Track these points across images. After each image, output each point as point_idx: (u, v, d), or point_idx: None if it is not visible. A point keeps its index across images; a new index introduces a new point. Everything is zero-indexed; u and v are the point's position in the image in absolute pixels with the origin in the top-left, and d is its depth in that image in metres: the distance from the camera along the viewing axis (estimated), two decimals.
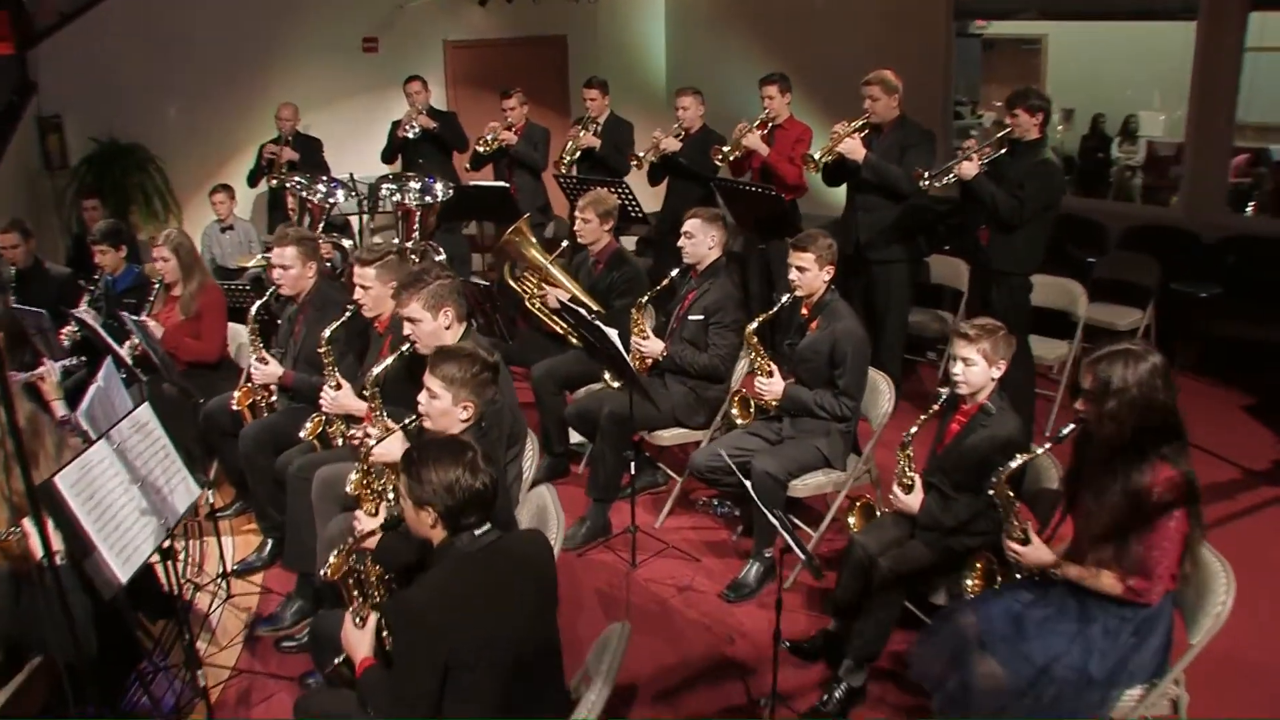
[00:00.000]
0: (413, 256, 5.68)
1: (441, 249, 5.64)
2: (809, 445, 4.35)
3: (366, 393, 3.62)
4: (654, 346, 4.86)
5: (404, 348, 3.69)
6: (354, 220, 7.11)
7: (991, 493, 3.15)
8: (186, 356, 5.13)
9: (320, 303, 4.71)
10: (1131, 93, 10.91)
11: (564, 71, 9.13)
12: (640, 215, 5.99)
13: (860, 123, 5.65)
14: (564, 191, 6.25)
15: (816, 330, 4.39)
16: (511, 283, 5.52)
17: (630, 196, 5.92)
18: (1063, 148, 10.66)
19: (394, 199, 5.73)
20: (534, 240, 5.41)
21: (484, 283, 4.52)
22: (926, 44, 7.83)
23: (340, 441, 4.30)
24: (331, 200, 6.13)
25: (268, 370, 4.63)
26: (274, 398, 4.74)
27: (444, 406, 3.15)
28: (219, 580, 4.40)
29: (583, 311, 4.32)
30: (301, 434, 4.26)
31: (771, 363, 4.44)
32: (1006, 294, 5.31)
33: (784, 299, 4.38)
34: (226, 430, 4.81)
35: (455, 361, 3.12)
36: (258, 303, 4.69)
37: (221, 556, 4.48)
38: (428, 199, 5.73)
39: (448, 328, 3.70)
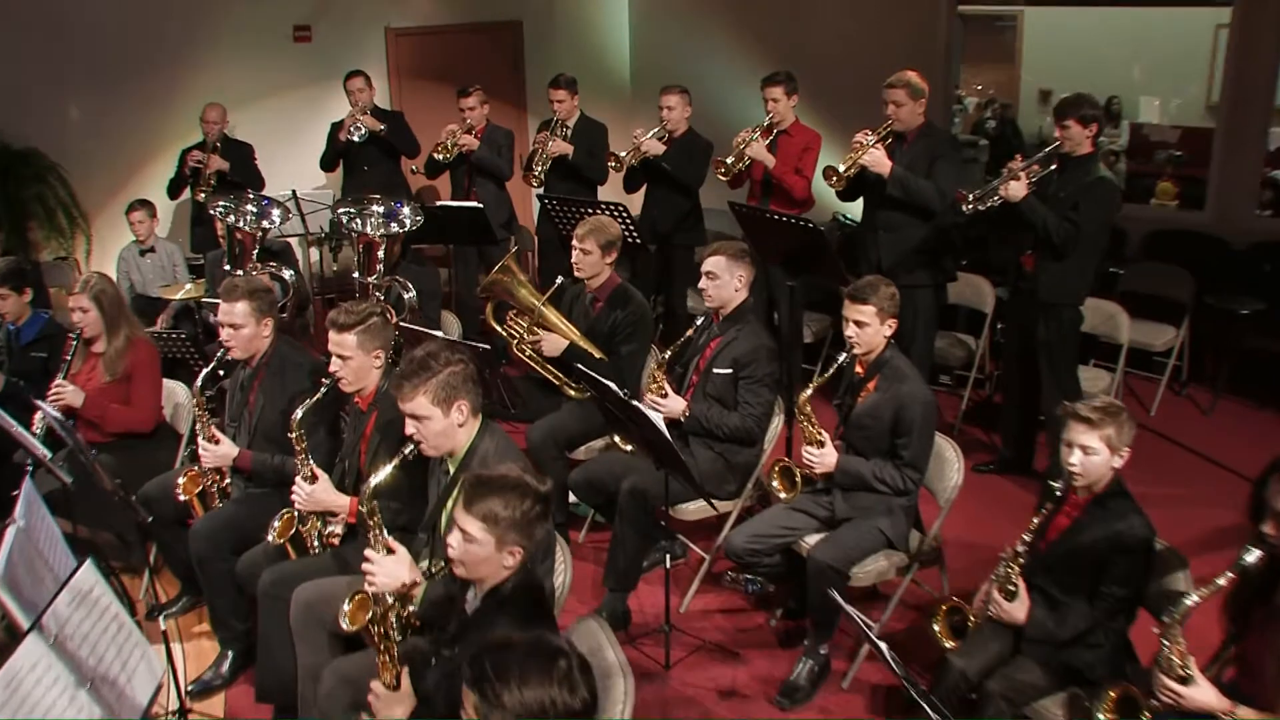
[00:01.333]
0: (377, 294, 5.00)
1: (410, 285, 4.95)
2: (869, 527, 3.82)
3: (364, 507, 2.97)
4: (674, 405, 4.26)
5: (406, 450, 3.03)
6: (296, 242, 6.34)
7: (1159, 632, 2.65)
8: (115, 427, 4.39)
9: (279, 366, 4.02)
10: (1114, 75, 10.57)
11: (519, 61, 8.39)
12: (638, 240, 5.36)
13: (884, 131, 5.11)
14: (552, 216, 5.58)
15: (875, 392, 3.85)
16: (497, 326, 4.87)
17: (629, 221, 5.28)
18: (1040, 132, 10.29)
19: (354, 226, 5.01)
20: (524, 278, 4.76)
21: (483, 346, 3.87)
22: (924, 26, 7.28)
23: (317, 544, 3.64)
24: (266, 224, 5.37)
25: (219, 452, 3.93)
26: (227, 481, 4.05)
27: (484, 553, 2.50)
28: (174, 717, 3.70)
29: (600, 378, 3.70)
30: (269, 536, 3.58)
31: (822, 431, 3.88)
32: (1055, 327, 4.83)
33: (842, 358, 3.82)
34: (169, 519, 4.10)
35: (500, 496, 2.47)
36: (204, 371, 3.97)
37: (174, 674, 3.76)
38: (394, 227, 5.02)
39: (461, 425, 3.06)
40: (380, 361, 3.62)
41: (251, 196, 5.40)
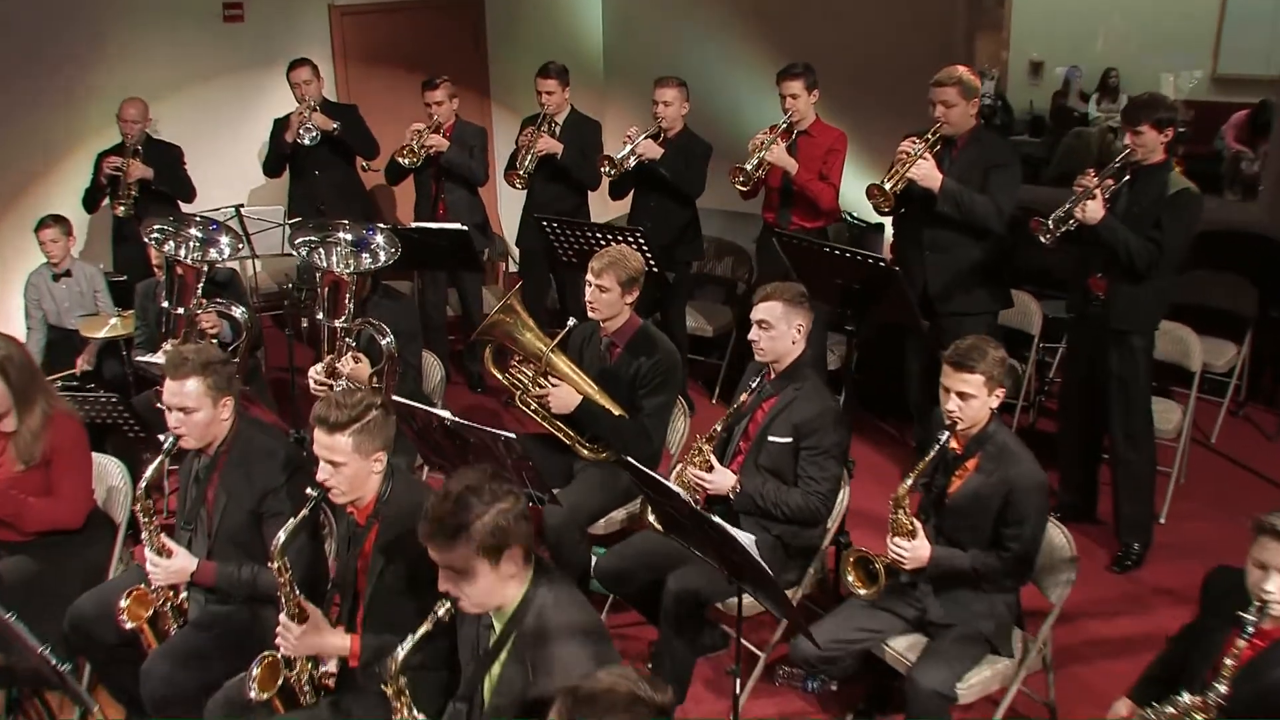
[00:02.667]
0: (348, 341, 4.28)
1: (385, 328, 4.23)
2: (972, 634, 3.27)
3: (390, 686, 2.31)
4: (722, 481, 3.64)
5: (440, 611, 2.37)
6: (245, 268, 5.54)
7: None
8: (35, 526, 3.62)
9: (243, 454, 3.32)
10: (1112, 44, 10.08)
11: (481, 44, 7.59)
12: (657, 269, 4.70)
13: (932, 137, 4.52)
14: (551, 237, 4.88)
15: (978, 473, 3.28)
16: (497, 374, 4.20)
17: (647, 248, 4.62)
18: (1032, 106, 9.79)
19: (316, 260, 4.27)
20: (530, 321, 4.09)
21: (508, 435, 3.19)
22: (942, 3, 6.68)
23: (309, 693, 2.98)
24: (214, 255, 4.60)
25: (173, 567, 3.22)
26: (183, 596, 3.34)
27: None
28: None
29: (664, 483, 3.03)
30: (250, 691, 2.89)
31: (915, 521, 3.30)
32: (1129, 358, 4.30)
33: (943, 438, 3.23)
34: (108, 642, 3.39)
35: None
36: (149, 470, 3.23)
37: None
38: (365, 260, 4.29)
39: (512, 576, 2.40)
40: (381, 465, 2.95)
41: (198, 220, 4.62)
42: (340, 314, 4.29)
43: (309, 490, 2.90)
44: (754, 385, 3.70)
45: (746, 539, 2.73)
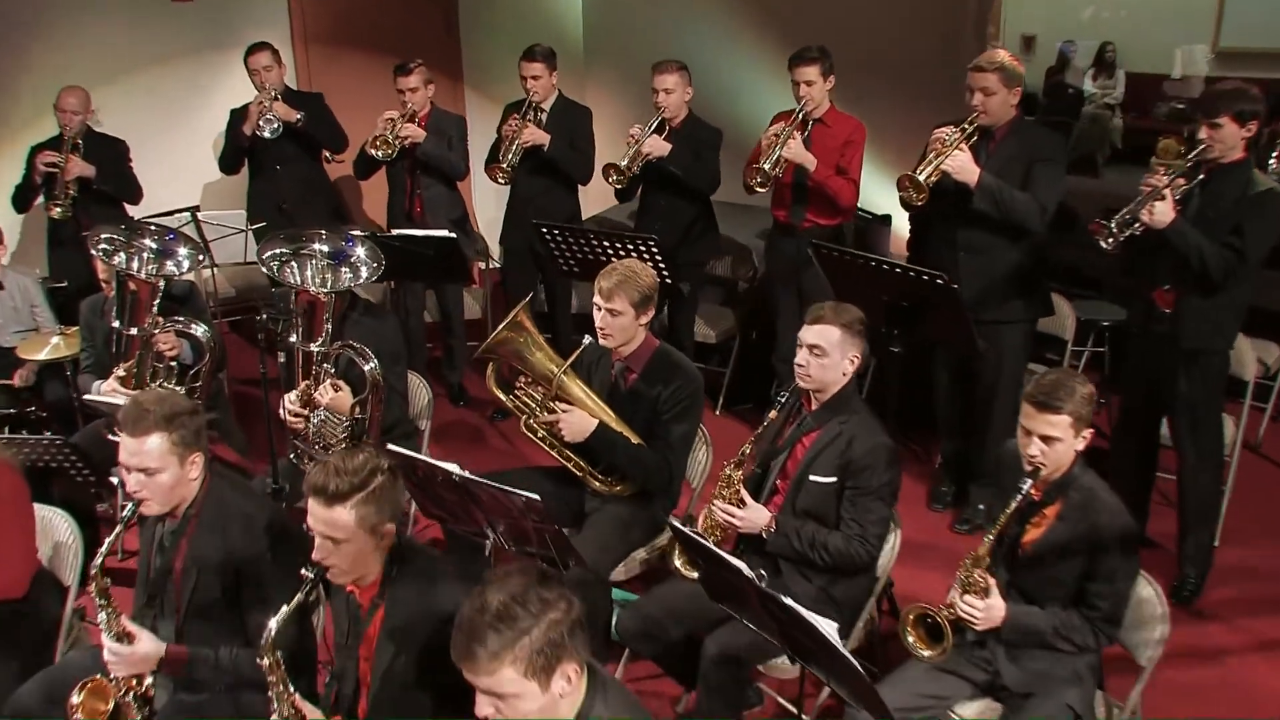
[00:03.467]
0: (326, 367, 3.84)
1: (368, 351, 3.79)
2: (1054, 705, 2.92)
3: None
4: (756, 518, 3.27)
5: None
6: (204, 278, 5.04)
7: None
8: None
9: (215, 517, 2.88)
10: (1107, 17, 9.77)
11: (453, 24, 7.08)
12: (671, 280, 4.29)
13: (969, 128, 4.14)
14: (551, 245, 4.45)
15: (1060, 521, 2.92)
16: (501, 395, 3.77)
17: (658, 256, 4.20)
18: (1025, 85, 9.44)
19: (288, 277, 3.81)
20: (540, 339, 3.67)
21: (530, 495, 2.77)
22: None
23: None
24: (171, 268, 4.15)
25: (137, 654, 2.79)
26: (149, 683, 2.91)
27: None
28: None
29: (696, 539, 2.65)
30: None
31: (989, 576, 2.94)
32: (1200, 379, 3.94)
33: (1024, 486, 2.87)
34: None
35: None
36: (106, 542, 2.78)
37: None
38: (345, 277, 3.85)
39: (564, 695, 2.00)
40: (390, 539, 2.53)
41: (153, 229, 4.15)
42: (317, 336, 3.86)
43: (304, 571, 2.48)
44: (785, 403, 3.31)
45: (828, 627, 2.34)
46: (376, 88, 6.20)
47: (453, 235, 4.36)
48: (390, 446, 3.03)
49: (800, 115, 4.58)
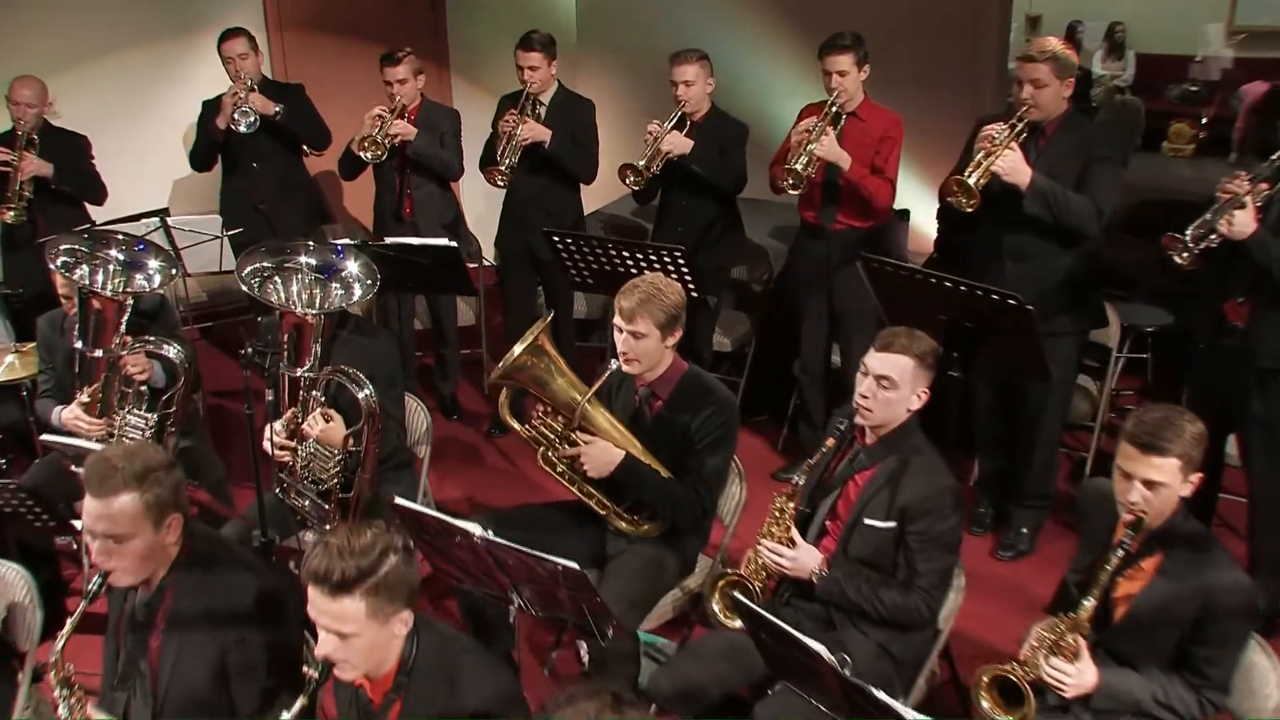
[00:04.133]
0: (315, 395, 3.47)
1: (362, 377, 3.42)
2: None
3: None
4: (806, 561, 2.95)
5: None
6: (177, 289, 4.62)
7: None
8: None
9: (199, 590, 2.52)
10: None
11: (439, 6, 6.65)
12: (698, 294, 3.92)
13: (1019, 124, 3.81)
14: (563, 255, 4.07)
15: (1160, 576, 2.61)
16: (514, 425, 3.39)
17: (685, 267, 3.85)
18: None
19: (271, 296, 3.42)
20: (562, 363, 3.30)
21: (567, 564, 2.39)
22: None
23: None
24: (140, 283, 3.76)
25: None
26: None
27: None
28: None
29: (766, 618, 2.30)
30: None
31: (1079, 637, 2.62)
32: (1277, 396, 3.65)
33: (1127, 540, 2.54)
34: None
35: None
36: (70, 622, 2.41)
37: None
38: (336, 295, 3.47)
39: None
40: (406, 626, 2.17)
41: (120, 238, 3.76)
42: (304, 361, 3.48)
43: (306, 669, 2.12)
44: (843, 432, 2.98)
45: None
46: (358, 76, 5.86)
47: (453, 244, 3.98)
48: (399, 502, 2.66)
49: (832, 109, 4.22)
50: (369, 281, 3.45)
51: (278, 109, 4.95)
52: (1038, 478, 4.26)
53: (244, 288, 3.36)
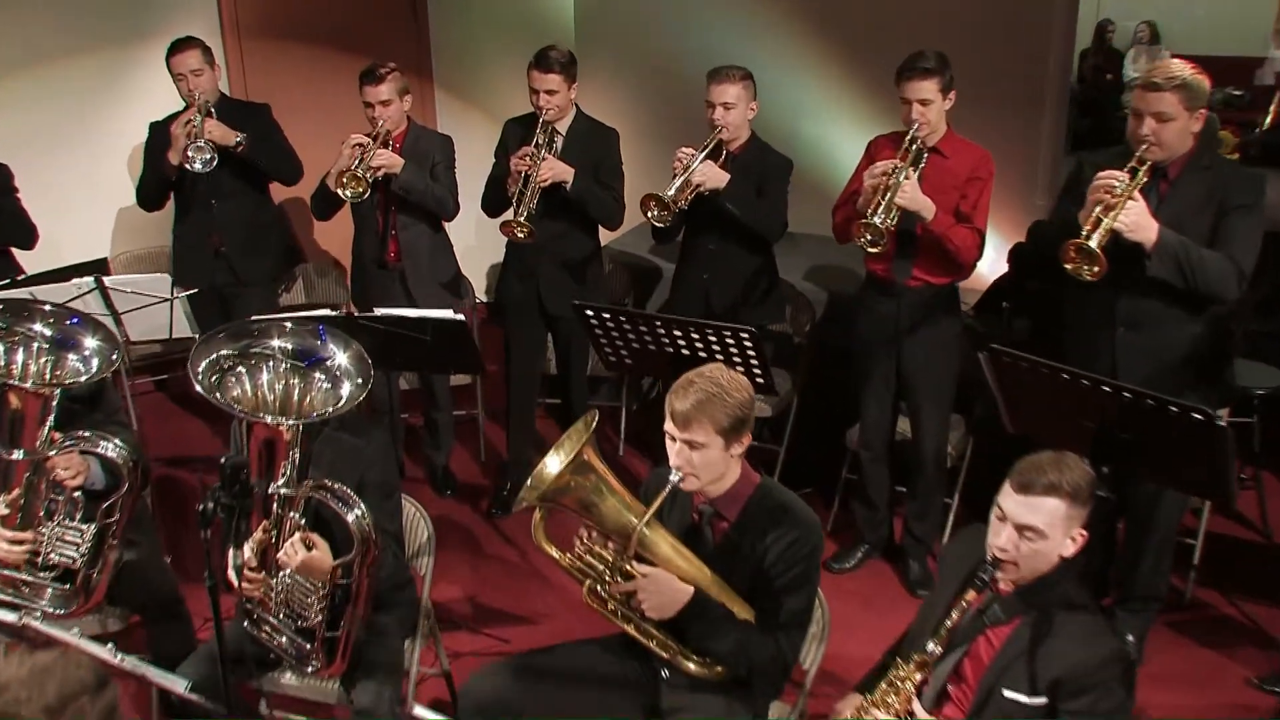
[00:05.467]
0: (293, 516, 2.83)
1: (350, 495, 2.79)
2: None
3: None
4: None
5: None
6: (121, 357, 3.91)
7: None
8: None
9: None
10: None
11: (421, 10, 5.99)
12: (764, 379, 3.29)
13: (1139, 168, 3.23)
14: (591, 332, 3.44)
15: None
16: (551, 551, 2.77)
17: (752, 354, 3.23)
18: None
19: (232, 397, 2.77)
20: (613, 479, 2.69)
21: None
22: None
23: None
24: (73, 366, 3.14)
25: None
26: None
27: None
28: None
29: None
30: None
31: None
32: None
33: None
34: None
35: None
36: None
37: None
38: (318, 395, 2.83)
39: None
40: None
41: (48, 309, 3.14)
42: (278, 474, 2.83)
43: None
44: (985, 582, 2.38)
45: None
46: (331, 92, 5.27)
47: (458, 318, 3.32)
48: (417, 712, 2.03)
49: (913, 145, 3.62)
50: (360, 380, 2.81)
51: (239, 138, 4.29)
52: (1148, 575, 3.70)
53: (198, 388, 2.71)
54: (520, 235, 3.98)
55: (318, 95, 5.43)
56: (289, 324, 2.90)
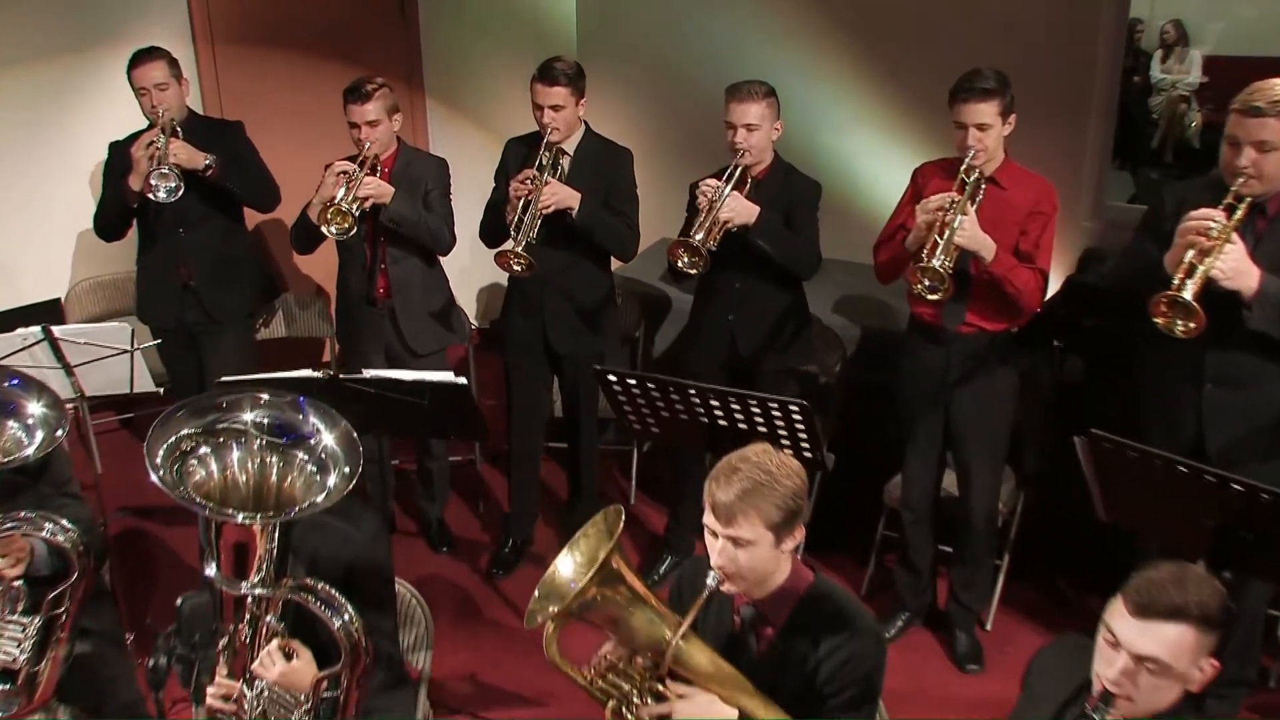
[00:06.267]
0: (269, 619, 2.46)
1: (339, 602, 2.42)
2: None
3: None
4: None
5: None
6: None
7: None
8: None
9: None
10: None
11: (412, 18, 5.59)
12: (813, 455, 2.91)
13: (1239, 207, 2.88)
14: (614, 399, 3.06)
15: None
16: (566, 669, 2.41)
17: (813, 433, 2.85)
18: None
19: (194, 492, 2.39)
20: (643, 588, 2.31)
21: None
22: None
23: None
24: (13, 436, 2.81)
25: None
26: None
27: None
28: None
29: None
30: None
31: None
32: None
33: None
34: None
35: None
36: None
37: None
38: (300, 474, 2.45)
39: None
40: None
41: None
42: (250, 572, 2.46)
43: None
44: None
45: None
46: (311, 101, 4.92)
47: (461, 382, 2.94)
48: None
49: (973, 177, 3.25)
50: (348, 467, 2.43)
51: (208, 160, 3.89)
52: (1237, 657, 3.35)
53: (157, 481, 2.32)
54: (517, 268, 3.61)
55: (299, 107, 5.03)
56: (263, 396, 2.53)
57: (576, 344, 3.98)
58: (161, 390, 3.65)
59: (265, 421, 2.55)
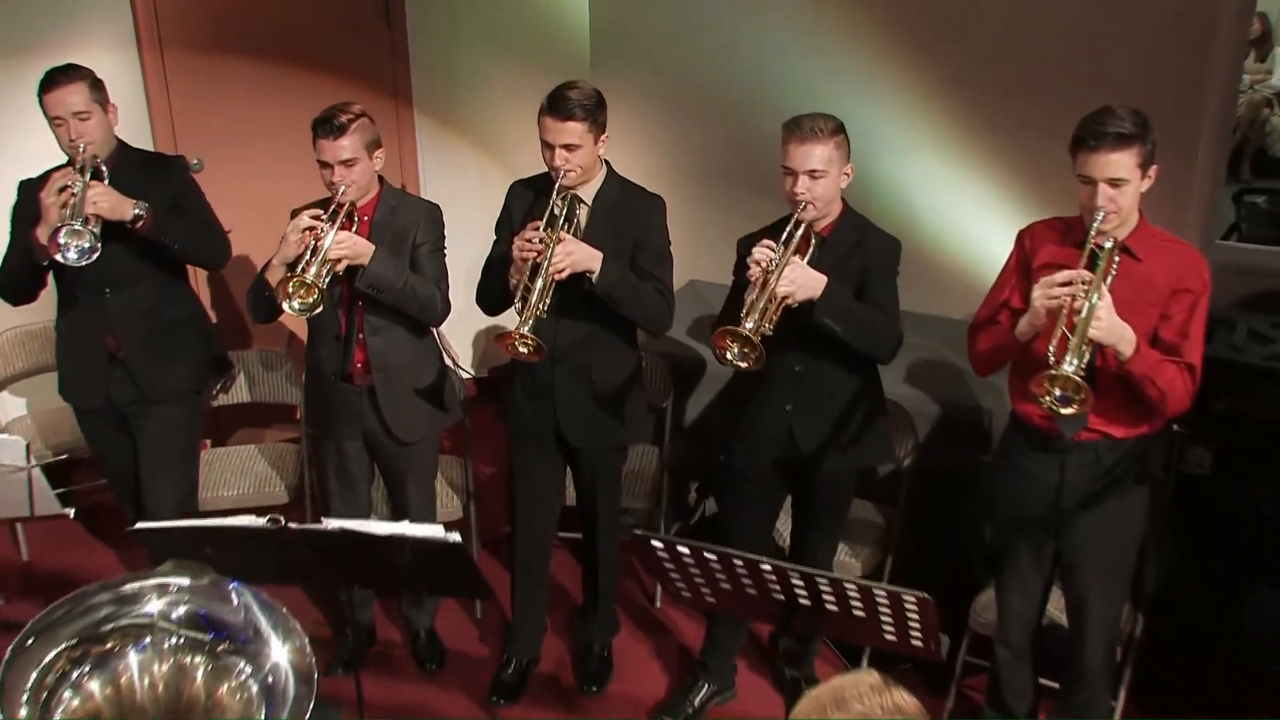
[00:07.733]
0: None
1: None
2: None
3: None
4: None
5: None
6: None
7: None
8: None
9: None
10: None
11: (398, 23, 4.96)
12: (936, 651, 2.29)
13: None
14: (659, 567, 2.42)
15: None
16: None
17: (929, 627, 2.22)
18: None
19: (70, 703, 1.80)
20: None
21: None
22: None
23: None
24: None
25: None
26: None
27: None
28: None
29: None
30: None
31: None
32: None
33: None
34: None
35: None
36: None
37: None
38: (233, 688, 1.85)
39: None
40: None
41: None
42: None
43: None
44: None
45: None
46: (280, 122, 4.32)
47: (453, 539, 2.30)
48: None
49: (1106, 246, 2.62)
50: (306, 687, 1.81)
51: (137, 210, 3.23)
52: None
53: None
54: (524, 351, 2.97)
55: (266, 129, 4.39)
56: (173, 585, 1.91)
57: (595, 436, 3.36)
58: (71, 513, 3.02)
59: (180, 612, 1.94)
